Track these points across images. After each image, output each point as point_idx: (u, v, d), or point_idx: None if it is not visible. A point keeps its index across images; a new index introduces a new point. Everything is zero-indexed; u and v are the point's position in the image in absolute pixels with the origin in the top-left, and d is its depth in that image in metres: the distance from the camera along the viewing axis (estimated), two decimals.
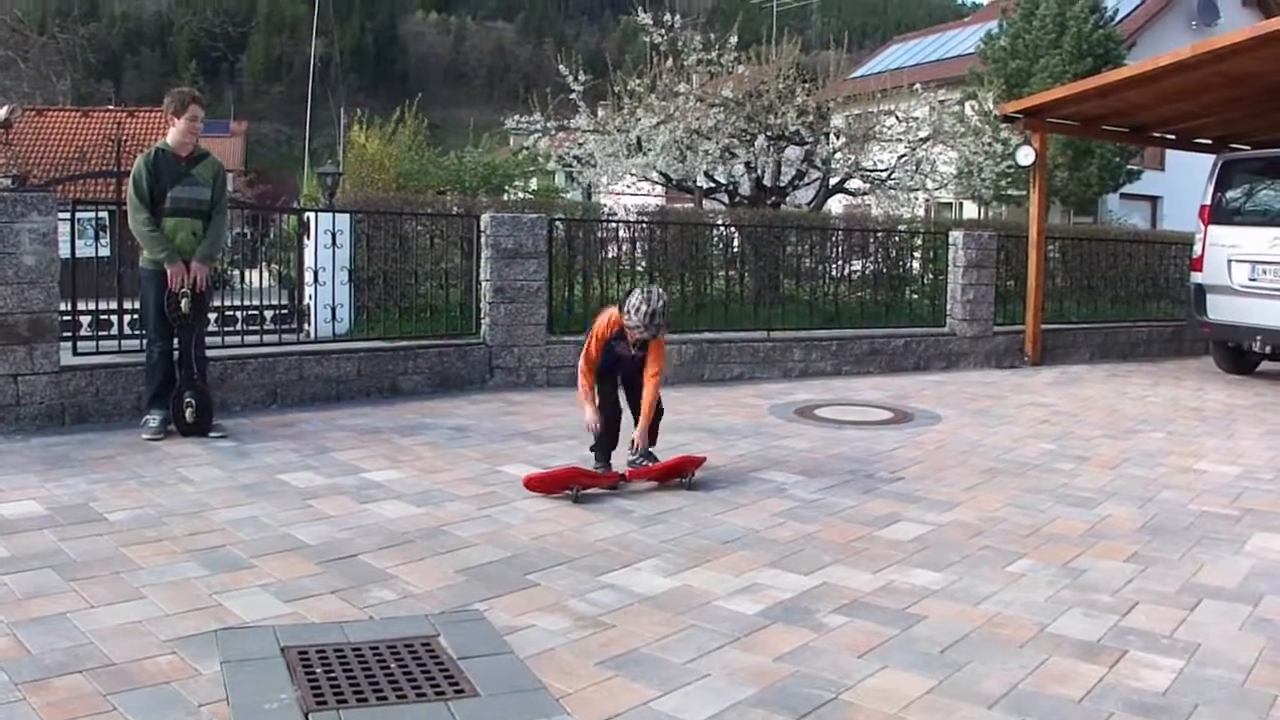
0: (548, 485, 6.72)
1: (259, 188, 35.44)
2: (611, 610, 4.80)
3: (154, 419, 8.37)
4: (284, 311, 11.67)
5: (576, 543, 5.79)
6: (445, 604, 4.80)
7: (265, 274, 12.78)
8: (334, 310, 11.06)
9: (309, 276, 11.14)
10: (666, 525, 6.19)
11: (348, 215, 11.66)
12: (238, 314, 10.78)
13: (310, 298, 11.57)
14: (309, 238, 11.37)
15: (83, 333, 9.69)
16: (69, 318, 9.46)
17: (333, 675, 4.04)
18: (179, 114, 8.44)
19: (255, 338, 10.25)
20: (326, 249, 11.08)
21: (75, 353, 9.21)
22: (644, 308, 6.95)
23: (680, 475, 7.16)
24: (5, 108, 10.31)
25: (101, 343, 9.55)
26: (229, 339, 10.02)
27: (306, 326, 11.53)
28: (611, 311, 7.20)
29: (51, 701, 3.79)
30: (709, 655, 4.34)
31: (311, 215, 11.79)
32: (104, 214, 11.31)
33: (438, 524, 6.05)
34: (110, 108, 42.39)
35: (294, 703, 3.82)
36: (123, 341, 9.53)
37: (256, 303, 11.41)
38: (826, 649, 4.43)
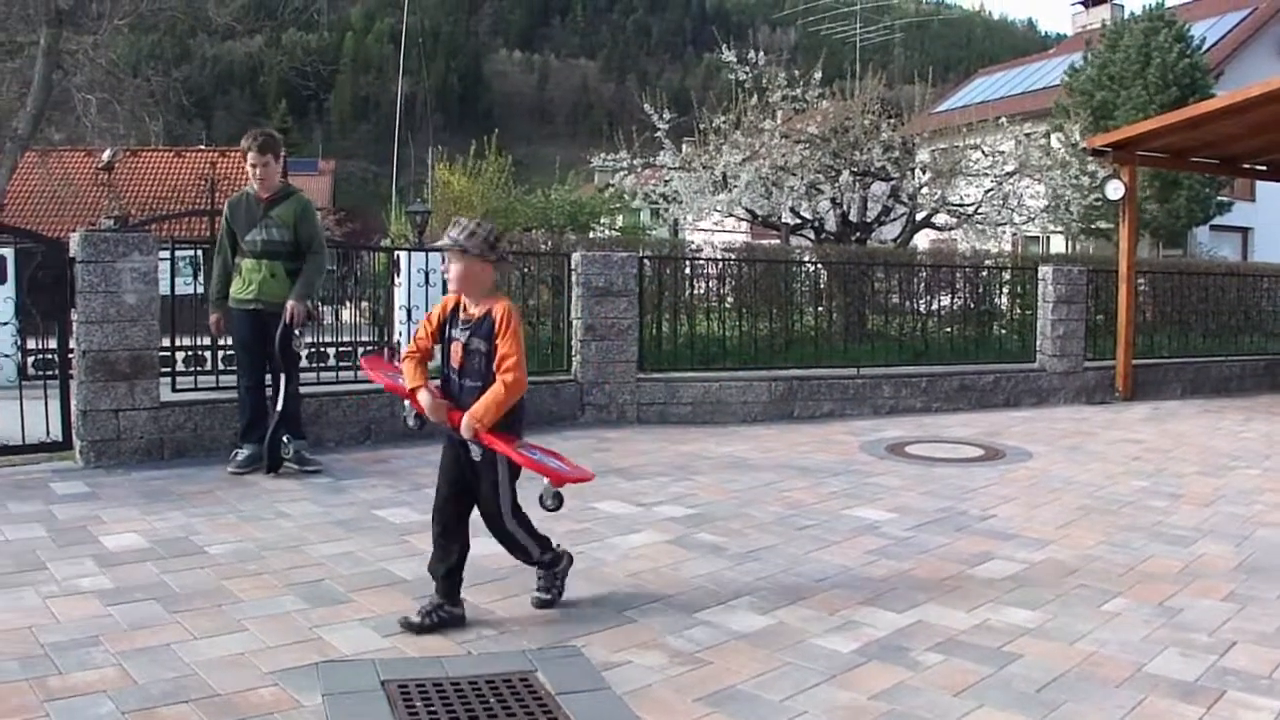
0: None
1: (347, 226, 35.84)
2: (708, 647, 4.80)
3: (242, 453, 8.51)
4: (374, 349, 11.80)
5: (671, 579, 5.80)
6: (542, 640, 4.82)
7: (355, 311, 12.95)
8: None
9: (399, 314, 11.23)
10: (760, 563, 6.18)
11: (428, 254, 11.78)
12: (329, 350, 10.91)
13: (400, 334, 11.69)
14: (399, 275, 11.49)
15: (179, 369, 9.85)
16: (168, 354, 9.64)
17: (433, 710, 4.07)
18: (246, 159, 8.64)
19: (348, 374, 10.35)
20: (419, 287, 11.19)
21: (174, 389, 9.40)
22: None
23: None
24: (108, 151, 10.56)
25: (200, 379, 9.72)
26: (324, 375, 10.14)
27: (397, 363, 11.64)
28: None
29: None
30: (806, 693, 4.33)
31: (401, 253, 11.94)
32: (197, 252, 11.53)
33: None
34: (202, 148, 43.17)
35: None
36: (220, 378, 9.70)
37: (348, 339, 11.55)
38: (922, 687, 4.40)
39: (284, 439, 8.44)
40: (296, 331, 8.32)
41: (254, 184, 8.59)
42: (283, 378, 8.49)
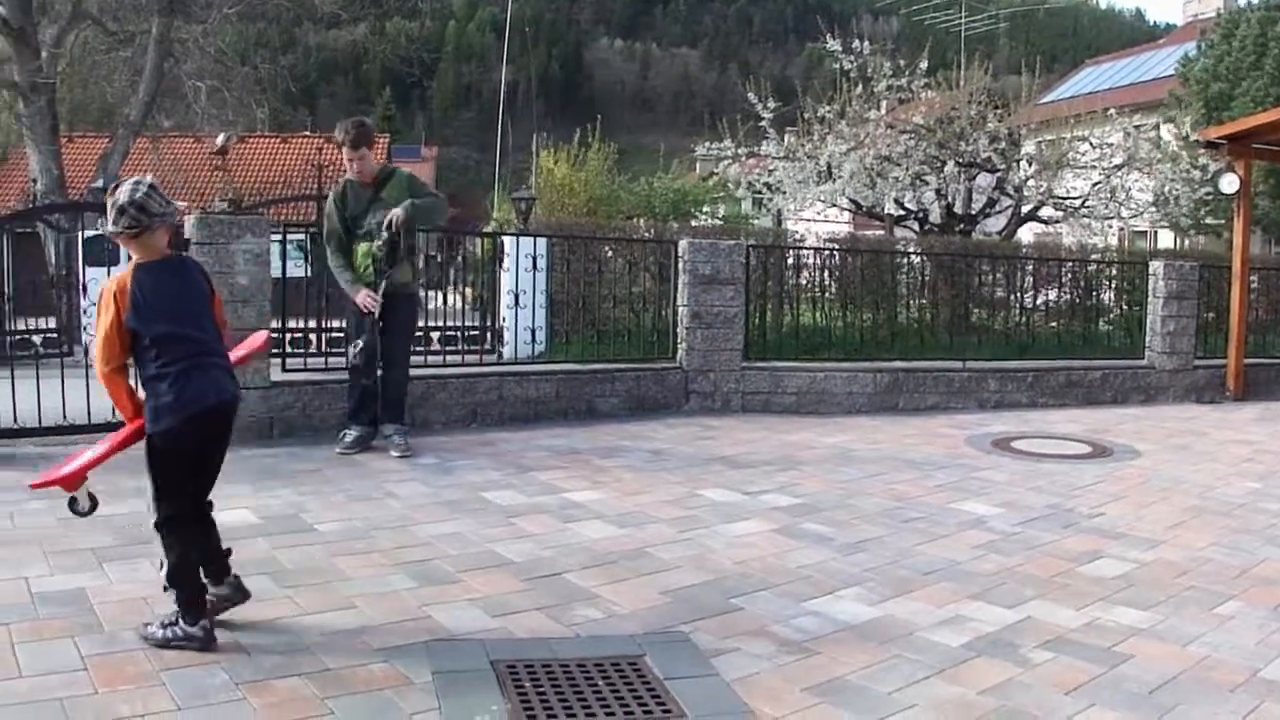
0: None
1: (450, 211, 35.99)
2: (816, 637, 4.78)
3: (350, 434, 8.61)
4: (477, 333, 11.87)
5: (778, 569, 5.77)
6: (650, 625, 4.83)
7: (457, 296, 13.03)
8: (534, 333, 11.23)
9: (504, 299, 11.28)
10: (868, 554, 6.14)
11: (542, 239, 11.83)
12: (433, 335, 11.00)
13: (504, 319, 11.76)
14: (503, 261, 11.54)
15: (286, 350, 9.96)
16: (278, 335, 9.75)
17: (542, 691, 4.09)
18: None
19: (454, 358, 10.43)
20: (525, 272, 11.25)
21: (284, 369, 9.52)
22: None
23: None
24: (222, 135, 10.70)
25: (308, 360, 9.84)
26: (431, 359, 10.24)
27: (501, 348, 11.72)
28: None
29: (271, 702, 3.92)
30: (914, 686, 4.29)
31: (505, 239, 11.99)
32: (304, 236, 11.66)
33: (640, 545, 6.09)
34: (306, 134, 43.66)
35: (504, 716, 3.88)
36: (328, 360, 9.81)
37: (452, 324, 11.63)
38: (1032, 684, 4.34)
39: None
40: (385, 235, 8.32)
41: (353, 174, 8.70)
42: (393, 365, 8.62)
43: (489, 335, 11.96)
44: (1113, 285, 16.08)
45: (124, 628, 4.59)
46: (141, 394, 4.60)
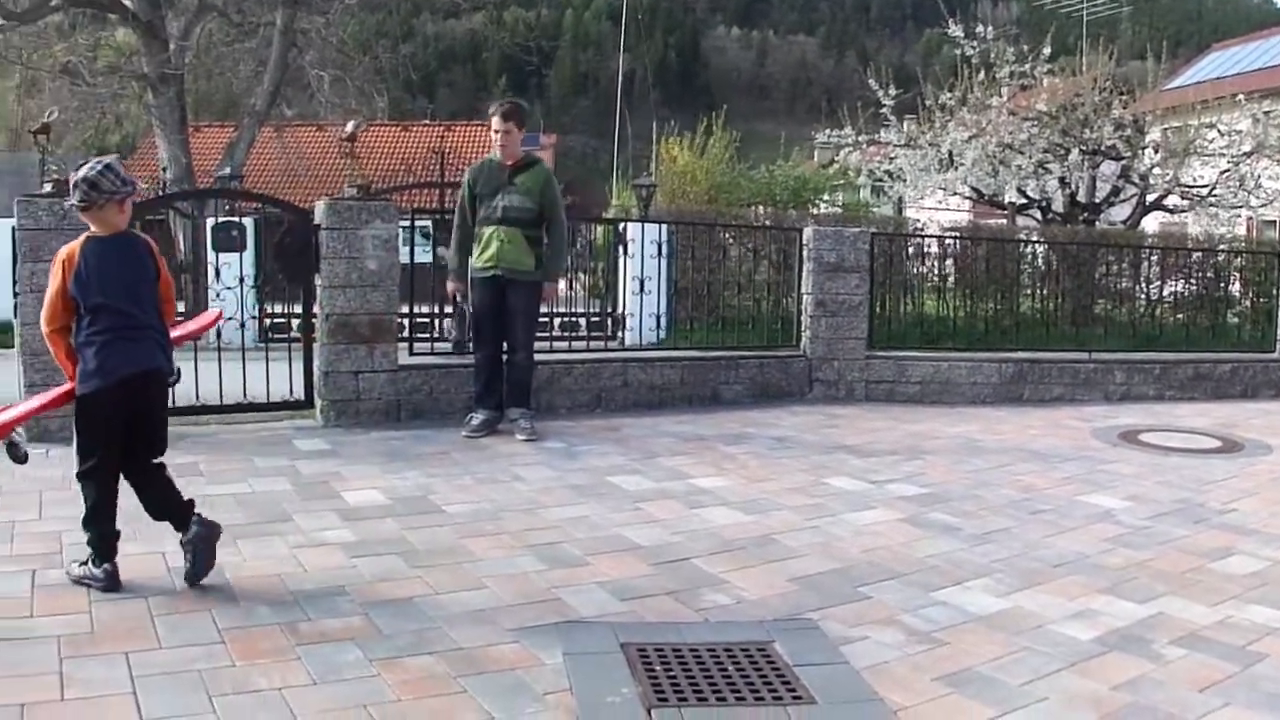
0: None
1: (568, 198, 36.18)
2: (945, 627, 4.74)
3: (476, 417, 8.69)
4: (598, 319, 11.93)
5: (906, 558, 5.73)
6: (778, 611, 4.82)
7: (575, 282, 13.11)
8: (658, 319, 11.25)
9: (625, 285, 11.31)
10: (996, 545, 6.07)
11: (663, 226, 11.83)
12: (554, 320, 11.08)
13: (625, 306, 11.79)
14: (624, 247, 11.57)
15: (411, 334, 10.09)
16: (406, 320, 9.89)
17: (672, 674, 4.10)
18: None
19: (568, 344, 10.47)
20: (649, 259, 11.28)
21: (411, 353, 9.65)
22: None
23: None
24: (351, 123, 10.84)
25: (436, 344, 9.96)
26: (556, 344, 10.31)
27: (621, 334, 11.75)
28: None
29: (405, 679, 3.98)
30: (1045, 679, 4.24)
31: (626, 225, 12.02)
32: (428, 223, 11.79)
33: (766, 532, 6.08)
34: (426, 122, 44.13)
35: (635, 698, 3.89)
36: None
37: (572, 310, 11.70)
38: (1165, 681, 4.26)
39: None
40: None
41: (497, 151, 8.72)
42: (518, 349, 8.71)
43: (610, 321, 12.01)
44: (1241, 276, 15.73)
45: (259, 603, 4.70)
46: None
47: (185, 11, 24.00)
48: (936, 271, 13.98)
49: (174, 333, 5.30)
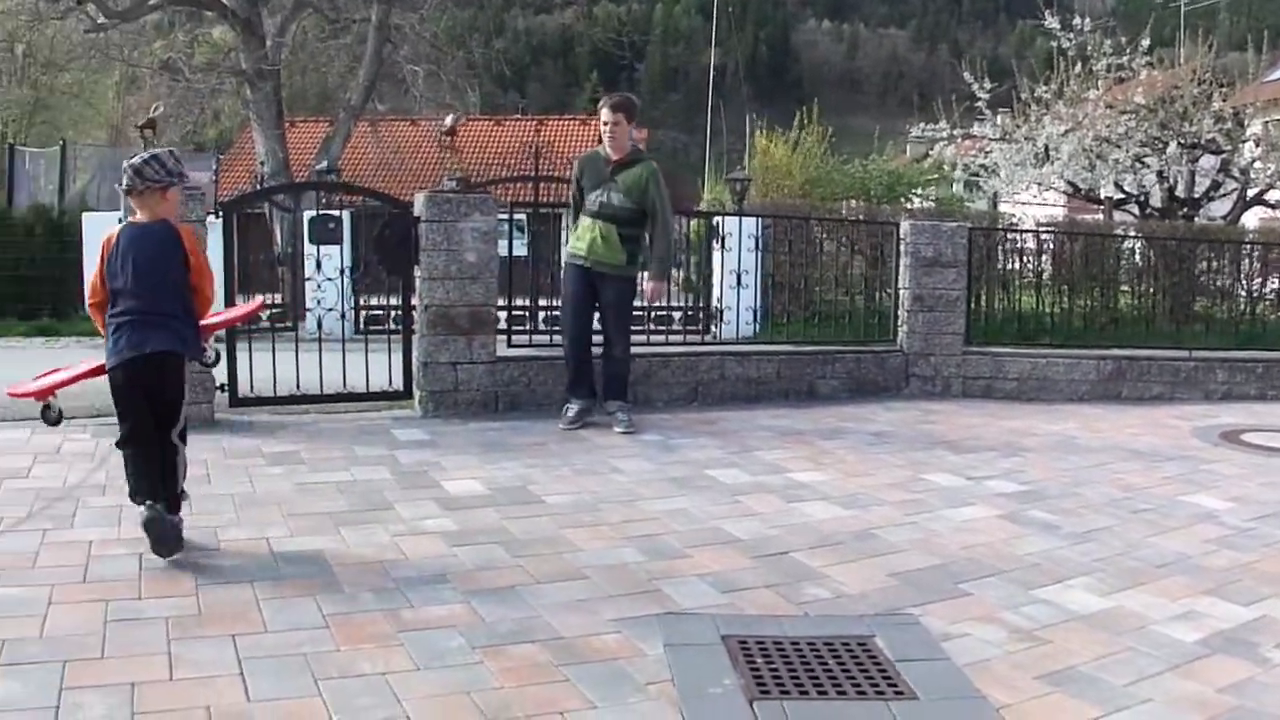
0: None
1: None
2: (1046, 625, 4.69)
3: (571, 408, 8.74)
4: (691, 312, 11.94)
5: (1007, 555, 5.68)
6: (878, 606, 4.80)
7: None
8: (754, 313, 11.24)
9: (729, 278, 11.29)
10: (1096, 544, 6.00)
11: (759, 220, 11.80)
12: (648, 314, 11.10)
13: (718, 299, 11.79)
14: (720, 241, 11.56)
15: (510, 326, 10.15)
16: (505, 312, 9.97)
17: (773, 666, 4.10)
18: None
19: (665, 338, 10.49)
20: (749, 252, 11.26)
21: (509, 344, 9.74)
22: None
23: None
24: (450, 116, 10.97)
25: (534, 336, 10.03)
26: (653, 338, 10.36)
27: (714, 328, 11.75)
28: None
29: (507, 667, 4.01)
30: (1149, 680, 4.18)
31: (720, 219, 12.01)
32: (524, 216, 11.86)
33: (865, 527, 6.06)
34: (518, 116, 44.38)
35: (738, 689, 3.89)
36: (554, 336, 10.00)
37: (667, 304, 11.71)
38: (1272, 684, 4.18)
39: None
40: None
41: (606, 143, 8.75)
42: (613, 343, 8.78)
43: (702, 315, 12.02)
44: None
45: (362, 589, 4.76)
46: None
47: (281, 8, 24.33)
48: (1032, 267, 13.84)
49: (210, 320, 5.57)
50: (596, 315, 8.92)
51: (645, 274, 8.94)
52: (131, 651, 4.06)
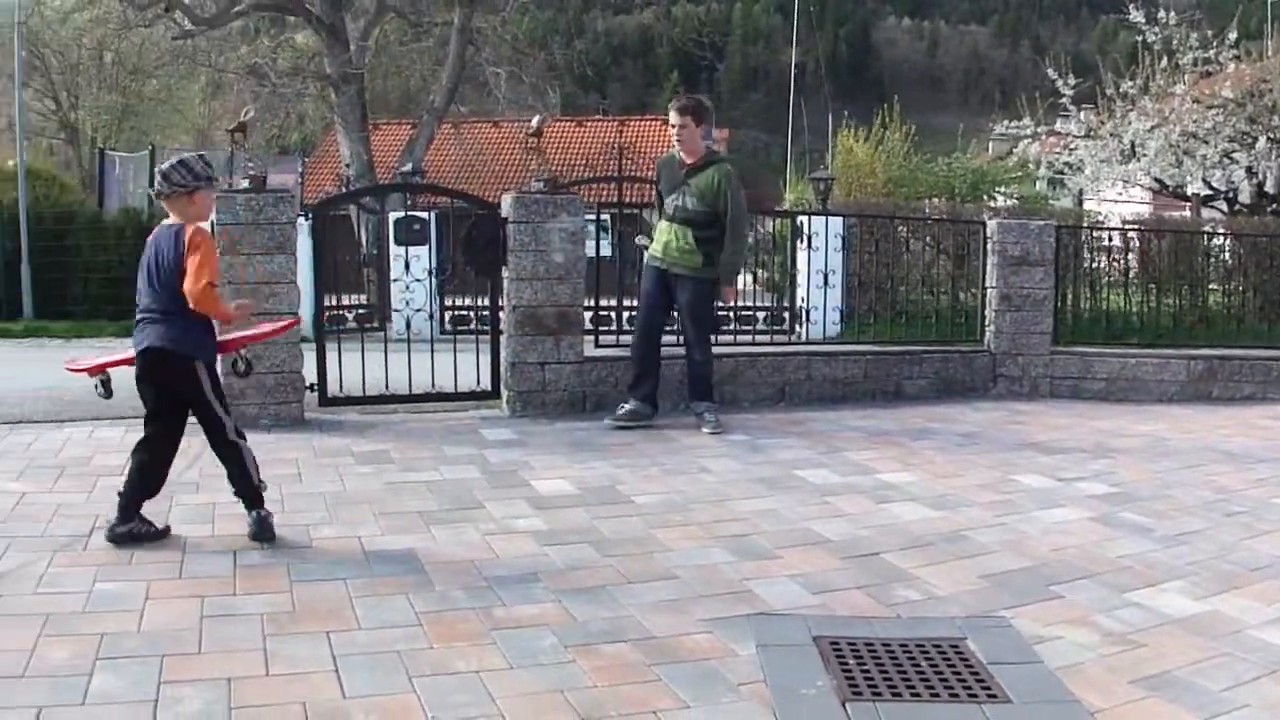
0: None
1: (742, 193, 36.15)
2: (1140, 629, 4.63)
3: (625, 406, 8.75)
4: (775, 313, 11.93)
5: (1098, 557, 5.62)
6: (970, 608, 4.77)
7: (751, 277, 13.12)
8: (841, 313, 11.21)
9: (815, 278, 11.25)
10: (1190, 547, 5.91)
11: (844, 219, 11.76)
12: (731, 314, 11.11)
13: (803, 299, 11.76)
14: (807, 241, 11.53)
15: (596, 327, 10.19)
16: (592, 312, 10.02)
17: (865, 668, 4.09)
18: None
19: (752, 337, 10.49)
20: (835, 251, 11.23)
21: (597, 344, 9.80)
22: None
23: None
24: (537, 118, 11.03)
25: (621, 336, 10.06)
26: (739, 338, 10.41)
27: (798, 328, 11.73)
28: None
29: (599, 666, 4.03)
30: (1246, 685, 4.11)
31: (804, 219, 11.98)
32: (607, 216, 11.92)
33: (955, 528, 6.02)
34: (599, 117, 44.52)
35: (830, 691, 3.88)
36: None
37: (751, 303, 11.73)
38: None
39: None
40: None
41: (676, 147, 8.76)
42: (690, 345, 8.76)
43: (785, 316, 12.00)
44: None
45: (454, 587, 4.80)
46: None
47: (365, 13, 24.62)
48: (1119, 266, 13.68)
49: (233, 335, 5.81)
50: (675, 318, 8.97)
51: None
52: (228, 647, 4.13)
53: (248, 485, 5.43)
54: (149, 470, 5.44)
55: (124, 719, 3.57)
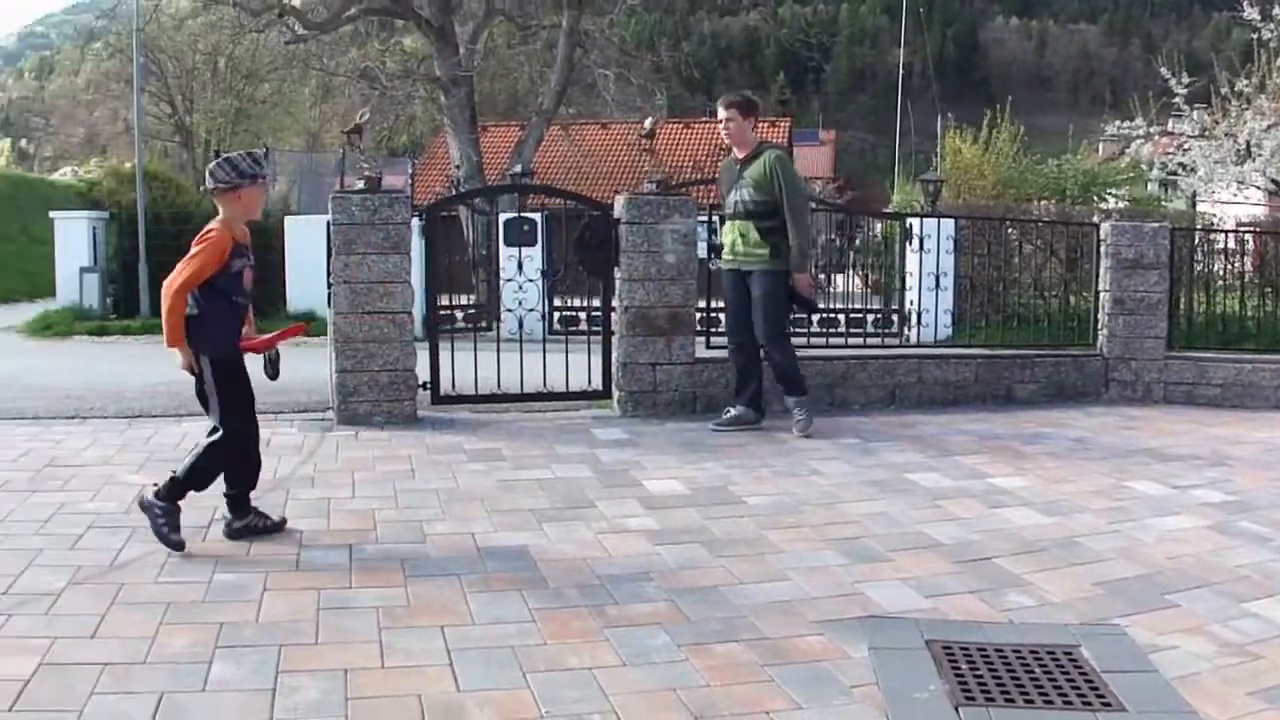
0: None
1: (848, 195, 36.13)
2: (1258, 640, 4.53)
3: (729, 411, 8.70)
4: (882, 315, 11.89)
5: (1215, 566, 5.53)
6: (1083, 615, 4.71)
7: (854, 278, 13.08)
8: (952, 316, 11.13)
9: (927, 280, 11.19)
10: None
11: (954, 221, 11.68)
12: (840, 317, 11.08)
13: (912, 302, 11.70)
14: (918, 242, 11.47)
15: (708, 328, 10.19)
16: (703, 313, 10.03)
17: (978, 673, 4.06)
18: None
19: (863, 340, 10.46)
20: (947, 254, 11.15)
21: (708, 346, 9.77)
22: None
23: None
24: (649, 120, 11.12)
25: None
26: (851, 340, 10.38)
27: (907, 331, 11.68)
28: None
29: (712, 665, 4.05)
30: None
31: (914, 220, 11.92)
32: (717, 218, 11.96)
33: (1068, 534, 5.95)
34: (706, 119, 44.51)
35: (943, 695, 3.87)
36: None
37: (859, 306, 11.69)
38: None
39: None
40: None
41: (728, 141, 8.76)
42: (764, 340, 8.60)
43: (893, 318, 11.95)
44: None
45: (567, 584, 4.86)
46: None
47: (473, 16, 24.85)
48: (1234, 269, 13.45)
49: (251, 340, 5.69)
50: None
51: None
52: (344, 638, 4.23)
53: (193, 478, 5.42)
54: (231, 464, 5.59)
55: (243, 706, 3.66)
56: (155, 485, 5.35)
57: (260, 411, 5.76)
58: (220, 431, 5.46)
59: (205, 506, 5.91)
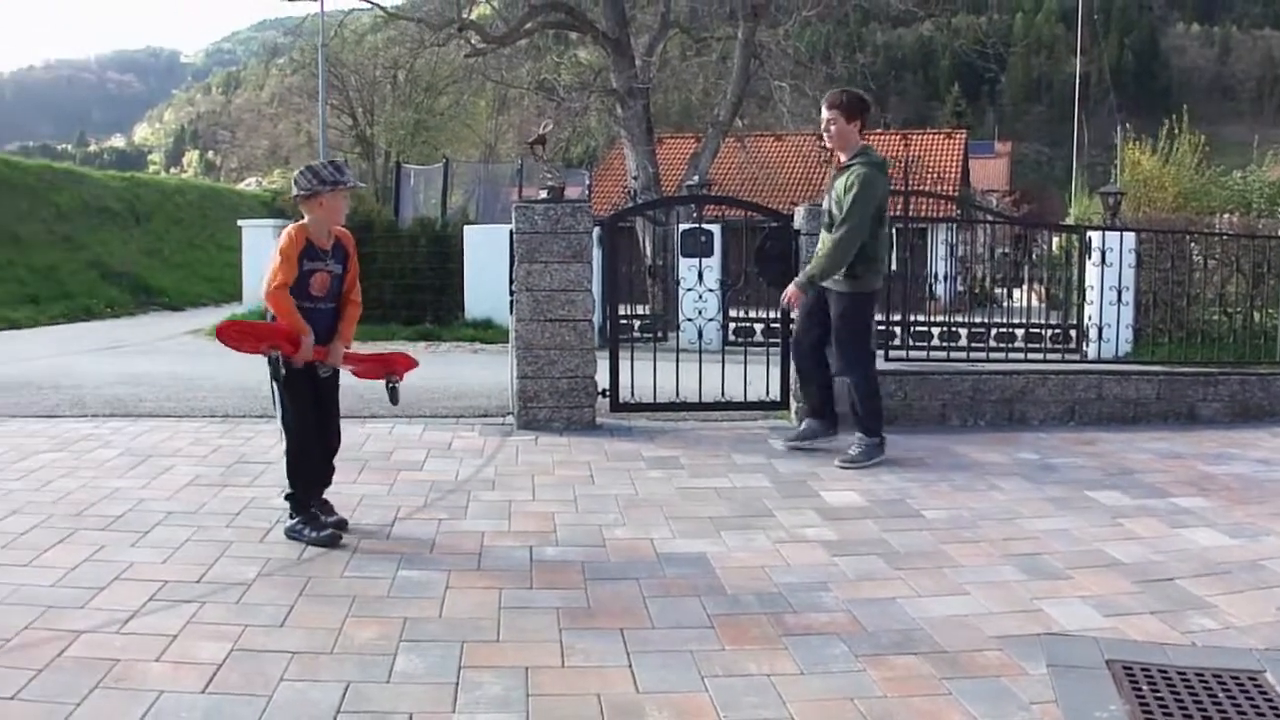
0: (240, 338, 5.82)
1: (1024, 208, 35.57)
2: None
3: (801, 425, 8.39)
4: (1059, 330, 11.73)
5: None
6: (1269, 641, 4.61)
7: (1031, 293, 12.90)
8: (1135, 332, 10.93)
9: (1108, 294, 11.00)
10: None
11: (1135, 234, 11.47)
12: (1015, 331, 10.96)
13: (1090, 317, 11.52)
14: (1100, 256, 11.30)
15: (894, 342, 10.16)
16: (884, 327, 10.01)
17: (1159, 695, 4.02)
18: None
19: (1036, 355, 10.33)
20: (1129, 268, 10.95)
21: (886, 359, 9.75)
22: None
23: (390, 373, 6.16)
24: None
25: (911, 351, 10.09)
26: (1031, 355, 10.31)
27: (1086, 346, 11.50)
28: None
29: (889, 677, 4.08)
30: None
31: (1095, 234, 11.74)
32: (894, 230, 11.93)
33: (1254, 557, 5.81)
34: (880, 131, 44.25)
35: (1123, 716, 3.85)
36: (930, 351, 10.03)
37: (1038, 321, 11.56)
38: None
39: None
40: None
41: (829, 144, 8.06)
42: (841, 369, 8.02)
43: (1071, 333, 11.78)
44: None
45: (745, 592, 4.94)
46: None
47: (649, 29, 25.05)
48: None
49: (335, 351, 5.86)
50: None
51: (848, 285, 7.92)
52: (524, 637, 4.37)
53: (292, 486, 5.78)
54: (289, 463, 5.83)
55: (427, 699, 3.81)
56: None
57: (442, 416, 5.99)
58: (280, 418, 5.79)
59: (388, 506, 6.14)
